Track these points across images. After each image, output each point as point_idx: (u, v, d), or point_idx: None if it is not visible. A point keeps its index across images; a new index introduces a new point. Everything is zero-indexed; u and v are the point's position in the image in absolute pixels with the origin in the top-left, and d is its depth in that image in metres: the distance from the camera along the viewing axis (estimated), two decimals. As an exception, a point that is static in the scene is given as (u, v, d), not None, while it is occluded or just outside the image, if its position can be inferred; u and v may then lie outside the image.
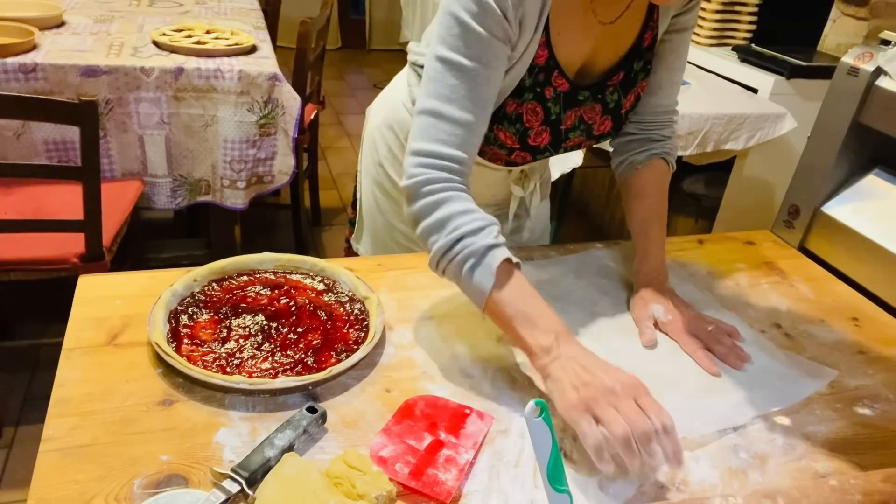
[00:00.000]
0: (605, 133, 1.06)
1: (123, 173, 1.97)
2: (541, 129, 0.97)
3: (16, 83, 1.76)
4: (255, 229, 2.84)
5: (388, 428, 0.75)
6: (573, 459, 0.74)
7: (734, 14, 2.61)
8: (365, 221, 1.24)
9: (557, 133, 1.00)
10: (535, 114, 0.95)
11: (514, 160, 1.03)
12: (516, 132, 0.95)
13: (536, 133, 0.97)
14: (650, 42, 1.00)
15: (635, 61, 1.00)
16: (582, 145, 1.08)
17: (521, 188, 1.15)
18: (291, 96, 2.00)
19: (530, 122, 0.95)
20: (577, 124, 1.01)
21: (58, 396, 0.75)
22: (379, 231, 1.22)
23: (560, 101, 0.96)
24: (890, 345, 1.01)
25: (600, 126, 1.04)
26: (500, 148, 0.99)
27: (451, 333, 0.93)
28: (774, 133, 2.12)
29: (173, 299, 0.89)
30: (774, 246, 1.26)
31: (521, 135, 0.96)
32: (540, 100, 0.94)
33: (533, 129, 0.96)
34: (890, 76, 1.19)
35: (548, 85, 0.93)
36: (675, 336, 0.96)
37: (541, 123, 0.96)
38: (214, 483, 0.66)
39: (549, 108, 0.96)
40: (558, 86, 0.95)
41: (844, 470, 0.77)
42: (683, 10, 1.00)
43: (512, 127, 0.95)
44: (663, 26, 1.00)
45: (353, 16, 5.61)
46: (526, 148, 0.98)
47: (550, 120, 0.97)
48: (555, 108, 0.96)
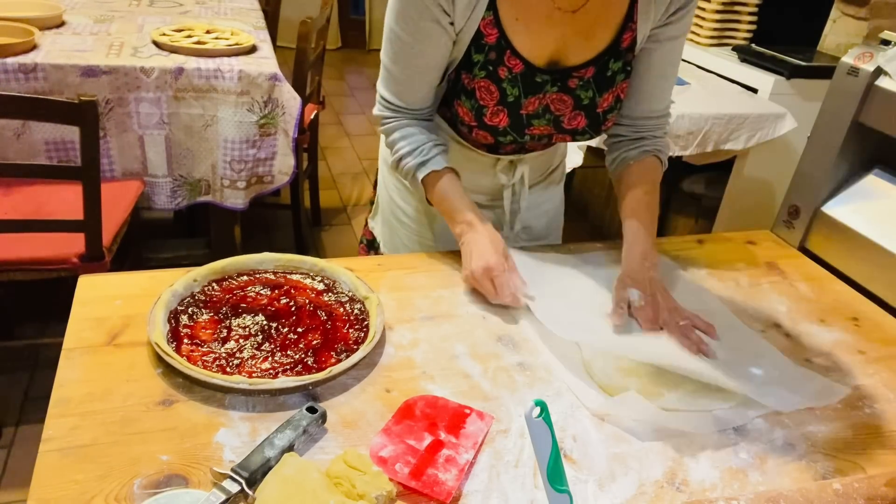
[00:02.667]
0: (578, 129, 1.07)
1: (123, 173, 1.97)
2: (497, 109, 1.02)
3: (16, 83, 1.76)
4: (255, 229, 2.84)
5: (388, 428, 0.75)
6: (573, 459, 0.74)
7: (734, 14, 2.61)
8: (379, 198, 1.31)
9: (517, 117, 1.03)
10: (489, 92, 1.01)
11: (479, 139, 1.09)
12: (472, 108, 1.02)
13: (492, 112, 1.02)
14: (629, 44, 1.01)
15: (611, 60, 1.01)
16: (553, 138, 1.10)
17: (507, 177, 1.17)
18: (291, 96, 2.00)
19: (484, 100, 1.01)
20: (541, 112, 1.04)
21: (58, 396, 0.75)
22: (385, 207, 1.28)
23: (518, 84, 1.00)
24: (890, 345, 1.01)
25: (571, 120, 1.05)
26: (462, 125, 1.07)
27: (451, 333, 0.93)
28: (774, 133, 2.12)
29: (173, 299, 0.89)
30: (774, 246, 1.26)
31: (477, 112, 1.03)
32: (493, 78, 1.00)
33: (488, 107, 1.02)
34: (890, 76, 1.19)
35: (500, 65, 0.98)
36: (643, 323, 0.95)
37: (496, 104, 1.02)
38: (214, 483, 0.66)
39: (504, 90, 1.00)
40: (512, 66, 0.99)
41: (844, 470, 0.77)
42: (669, 21, 1.00)
43: (468, 102, 1.02)
44: (644, 29, 1.00)
45: (353, 16, 5.61)
46: (483, 126, 1.05)
47: (508, 101, 1.01)
48: (512, 91, 1.01)
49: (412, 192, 1.18)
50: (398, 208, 1.23)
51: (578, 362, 0.90)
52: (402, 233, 1.25)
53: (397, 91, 1.04)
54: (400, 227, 1.25)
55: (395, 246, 1.28)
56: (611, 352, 0.90)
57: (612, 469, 0.74)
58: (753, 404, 0.84)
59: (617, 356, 0.89)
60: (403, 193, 1.22)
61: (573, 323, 0.94)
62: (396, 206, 1.24)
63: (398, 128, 1.06)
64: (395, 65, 1.01)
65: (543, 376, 0.87)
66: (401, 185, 1.21)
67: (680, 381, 0.87)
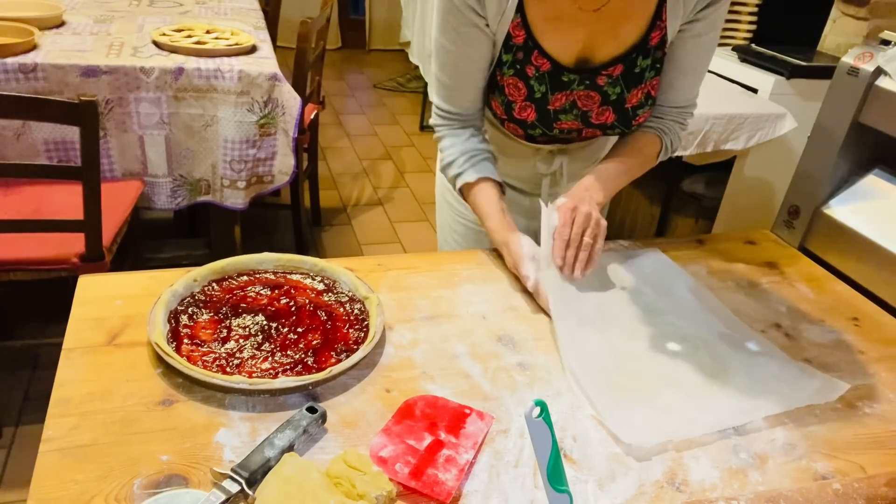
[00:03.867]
0: (607, 124, 1.09)
1: (123, 173, 1.97)
2: (525, 105, 1.07)
3: (16, 83, 1.76)
4: (255, 229, 2.84)
5: (388, 428, 0.75)
6: (573, 459, 0.74)
7: (734, 14, 2.61)
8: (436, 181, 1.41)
9: (545, 112, 1.08)
10: (517, 89, 1.06)
11: (511, 131, 1.15)
12: (502, 103, 1.08)
13: (521, 107, 1.08)
14: (658, 41, 1.02)
15: (640, 58, 1.02)
16: (583, 132, 1.13)
17: (546, 166, 1.21)
18: (291, 96, 2.00)
19: (513, 96, 1.07)
20: (569, 108, 1.07)
21: (58, 396, 0.75)
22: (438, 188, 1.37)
23: (546, 81, 1.05)
24: (890, 345, 1.01)
25: (599, 115, 1.08)
26: (495, 117, 1.14)
27: (451, 333, 0.93)
28: (774, 133, 2.12)
29: (173, 299, 0.89)
30: (774, 246, 1.26)
31: (507, 106, 1.08)
32: (521, 76, 1.05)
33: (516, 102, 1.07)
34: (890, 76, 1.19)
35: (528, 63, 1.03)
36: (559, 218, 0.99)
37: (524, 99, 1.07)
38: (214, 483, 0.66)
39: (532, 86, 1.05)
40: (540, 65, 1.03)
41: (844, 470, 0.77)
42: (697, 18, 1.01)
43: (499, 97, 1.08)
44: (673, 27, 1.01)
45: (353, 16, 5.61)
46: (512, 119, 1.10)
47: (535, 98, 1.06)
48: (539, 87, 1.05)
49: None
50: (446, 189, 1.30)
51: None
52: (448, 215, 1.34)
53: (448, 97, 1.10)
54: (447, 206, 1.33)
55: (441, 226, 1.38)
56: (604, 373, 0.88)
57: (612, 469, 0.74)
58: (755, 406, 0.84)
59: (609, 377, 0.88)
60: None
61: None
62: (445, 188, 1.31)
63: (444, 136, 1.13)
64: (444, 73, 1.08)
65: (543, 376, 0.87)
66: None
67: (680, 382, 0.87)
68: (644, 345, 0.94)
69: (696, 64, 1.08)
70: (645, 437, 0.77)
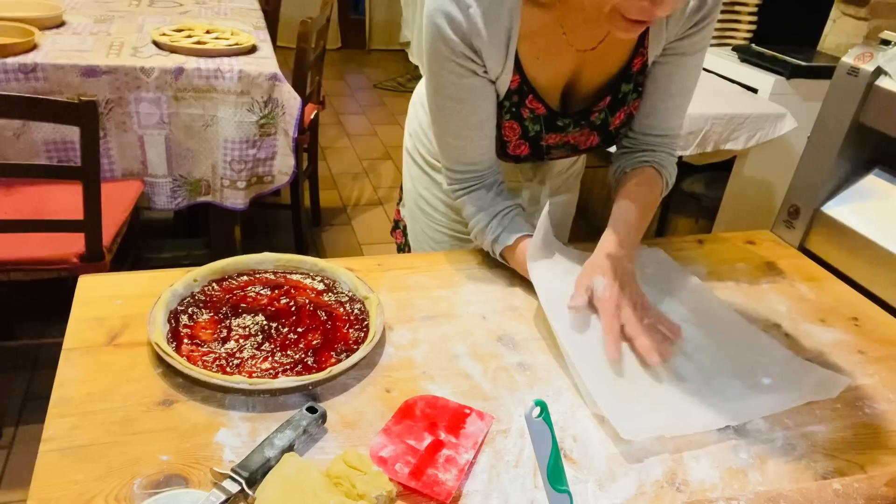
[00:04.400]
0: (593, 146, 1.09)
1: (123, 173, 1.97)
2: (519, 143, 1.04)
3: (16, 83, 1.76)
4: (255, 229, 2.84)
5: (388, 428, 0.75)
6: (573, 459, 0.74)
7: (734, 14, 2.61)
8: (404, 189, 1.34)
9: (538, 147, 1.06)
10: (513, 130, 1.03)
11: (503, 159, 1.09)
12: (497, 140, 1.03)
13: (515, 145, 1.05)
14: (640, 67, 1.00)
15: (623, 84, 1.01)
16: (570, 156, 1.13)
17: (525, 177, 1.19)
18: (291, 96, 2.00)
19: (508, 137, 1.03)
20: (561, 145, 1.07)
21: (58, 396, 0.75)
22: (409, 198, 1.30)
23: (540, 122, 1.02)
24: (890, 345, 1.01)
25: (586, 142, 1.07)
26: None
27: (451, 333, 0.93)
28: (774, 133, 2.12)
29: (173, 299, 0.89)
30: (774, 246, 1.26)
31: (501, 145, 1.04)
32: (517, 118, 1.01)
33: (511, 142, 1.04)
34: (890, 76, 1.19)
35: (523, 106, 1.00)
36: (602, 315, 0.89)
37: (518, 137, 1.04)
38: (214, 483, 0.66)
39: (526, 127, 1.02)
40: (535, 108, 1.00)
41: (844, 470, 0.77)
42: (682, 36, 0.98)
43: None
44: (654, 51, 0.99)
45: (353, 16, 5.61)
46: (506, 157, 1.07)
47: (529, 136, 1.03)
48: (533, 127, 1.02)
49: (436, 182, 1.21)
50: (421, 198, 1.26)
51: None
52: (424, 223, 1.27)
53: (460, 156, 1.03)
54: (422, 215, 1.27)
55: (416, 234, 1.30)
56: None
57: (612, 469, 0.74)
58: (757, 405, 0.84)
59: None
60: (427, 184, 1.24)
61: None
62: (420, 197, 1.26)
63: (467, 201, 1.05)
64: (450, 133, 1.01)
65: (543, 376, 0.87)
66: (426, 177, 1.24)
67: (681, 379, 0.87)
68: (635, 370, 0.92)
69: (680, 87, 1.04)
70: (640, 431, 0.77)
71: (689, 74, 1.04)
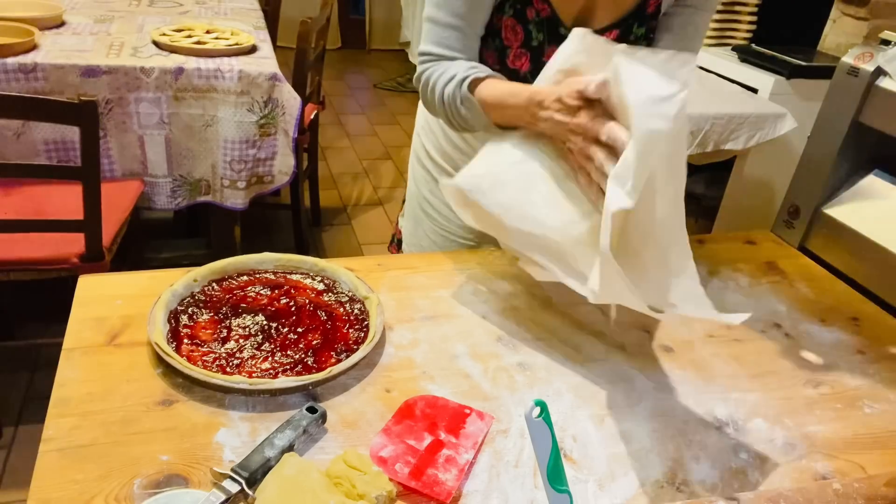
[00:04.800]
0: None
1: (123, 173, 1.97)
2: (520, 52, 1.02)
3: (16, 83, 1.76)
4: (255, 229, 2.84)
5: (388, 428, 0.75)
6: (573, 459, 0.74)
7: (734, 14, 2.61)
8: (408, 192, 1.33)
9: (538, 64, 1.00)
10: (515, 33, 1.00)
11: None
12: (496, 49, 1.02)
13: (515, 55, 1.02)
14: (654, 9, 1.00)
15: (635, 25, 1.01)
16: None
17: None
18: (291, 96, 2.00)
19: (509, 41, 1.01)
20: None
21: (58, 396, 0.75)
22: (412, 201, 1.30)
23: (543, 29, 0.99)
24: (890, 345, 1.01)
25: None
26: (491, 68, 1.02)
27: (451, 333, 0.93)
28: (774, 133, 2.12)
29: (173, 299, 0.89)
30: (774, 246, 1.26)
31: (500, 53, 1.02)
32: (520, 19, 0.99)
33: (511, 48, 1.01)
34: (890, 76, 1.19)
35: (528, 5, 0.98)
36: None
37: (520, 45, 1.01)
38: (214, 483, 0.66)
39: (529, 31, 1.00)
40: (540, 10, 0.98)
41: (844, 470, 0.77)
42: None
43: (494, 42, 1.02)
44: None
45: (353, 16, 5.60)
46: (505, 69, 1.03)
47: (531, 45, 1.01)
48: (537, 35, 1.00)
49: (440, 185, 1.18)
50: (425, 200, 1.26)
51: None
52: (426, 225, 1.27)
53: (442, 39, 0.99)
54: (426, 218, 1.27)
55: (417, 238, 1.30)
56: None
57: (612, 469, 0.74)
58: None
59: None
60: (431, 186, 1.24)
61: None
62: (423, 199, 1.26)
63: (434, 69, 1.00)
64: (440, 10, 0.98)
65: (543, 376, 0.87)
66: (430, 178, 1.23)
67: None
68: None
69: (691, 39, 1.04)
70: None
71: (698, 30, 1.04)
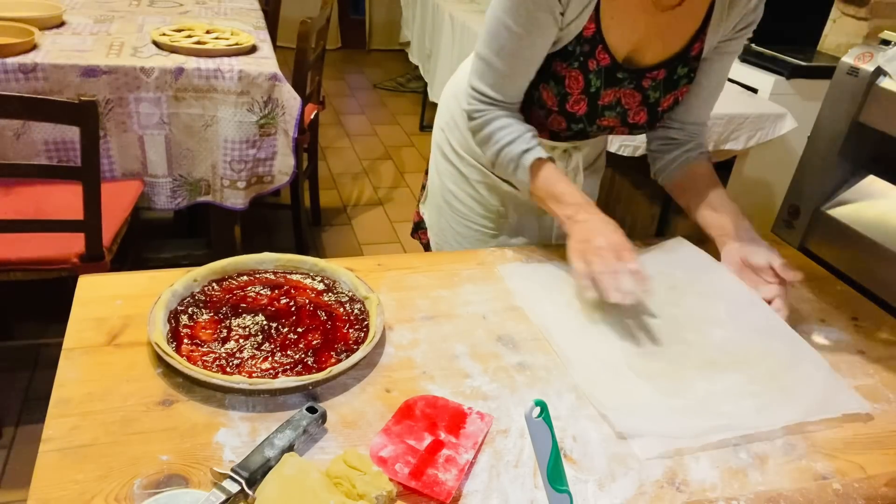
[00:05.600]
0: (638, 124, 1.12)
1: (123, 173, 1.97)
2: (579, 98, 1.06)
3: (16, 83, 1.76)
4: (255, 229, 2.84)
5: (388, 428, 0.75)
6: (573, 459, 0.74)
7: (734, 14, 2.60)
8: (430, 184, 1.37)
9: (594, 107, 1.08)
10: (577, 81, 1.05)
11: (551, 125, 1.12)
12: (557, 94, 1.06)
13: (575, 101, 1.07)
14: (698, 52, 1.06)
15: (679, 66, 1.07)
16: (615, 130, 1.15)
17: (563, 164, 1.20)
18: (291, 96, 2.00)
19: (570, 88, 1.05)
20: (614, 105, 1.09)
21: (58, 396, 0.75)
22: (436, 192, 1.33)
23: (601, 76, 1.05)
24: (890, 345, 1.01)
25: (635, 115, 1.10)
26: (541, 108, 1.09)
27: (451, 333, 0.93)
28: (774, 133, 2.12)
29: (173, 299, 0.89)
30: (774, 246, 1.26)
31: (562, 98, 1.06)
32: (583, 69, 1.04)
33: (572, 95, 1.06)
34: (890, 76, 1.19)
35: (591, 57, 1.03)
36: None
37: (580, 92, 1.06)
38: (214, 483, 0.66)
39: (589, 80, 1.05)
40: (601, 60, 1.03)
41: (844, 470, 0.77)
42: (734, 37, 1.07)
43: (555, 88, 1.06)
44: (712, 40, 1.06)
45: (353, 16, 5.60)
46: (563, 112, 1.08)
47: (590, 92, 1.06)
48: (595, 82, 1.05)
49: (465, 177, 1.24)
50: (449, 192, 1.29)
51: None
52: (450, 217, 1.30)
53: (497, 84, 1.05)
54: (448, 209, 1.30)
55: (441, 228, 1.33)
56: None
57: (612, 469, 0.74)
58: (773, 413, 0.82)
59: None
60: (456, 178, 1.27)
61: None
62: (448, 191, 1.29)
63: (494, 118, 1.07)
64: (499, 58, 1.02)
65: (543, 376, 0.87)
66: (455, 171, 1.26)
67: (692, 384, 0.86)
68: (663, 329, 0.93)
69: (721, 81, 1.14)
70: (652, 447, 0.76)
71: (724, 74, 1.14)
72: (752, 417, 0.81)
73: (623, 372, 0.87)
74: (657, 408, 0.82)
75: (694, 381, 0.86)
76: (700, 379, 0.86)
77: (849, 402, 0.85)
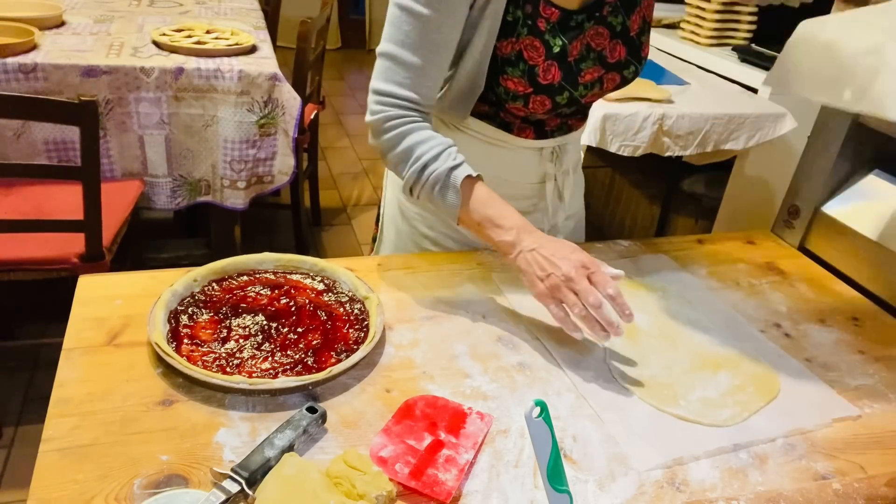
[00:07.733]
0: (622, 61, 1.03)
1: (123, 173, 1.97)
2: (547, 65, 0.96)
3: (16, 83, 1.76)
4: (255, 229, 2.84)
5: (388, 428, 0.75)
6: (573, 459, 0.74)
7: (734, 14, 2.60)
8: (385, 232, 1.22)
9: (567, 66, 0.97)
10: (535, 49, 0.95)
11: (535, 111, 1.00)
12: (522, 73, 0.95)
13: (544, 70, 0.96)
14: None
15: None
16: (604, 82, 1.04)
17: (554, 165, 1.12)
18: (291, 96, 2.00)
19: (533, 59, 0.95)
20: (587, 53, 0.99)
21: (58, 396, 0.75)
22: (403, 237, 1.19)
23: (558, 33, 0.95)
24: (890, 345, 1.01)
25: (613, 53, 1.02)
26: (514, 100, 0.98)
27: (451, 333, 0.93)
28: (774, 133, 2.12)
29: (173, 299, 0.89)
30: (774, 246, 1.26)
31: (529, 74, 0.96)
32: (535, 33, 0.94)
33: (539, 65, 0.95)
34: (890, 76, 1.19)
35: (538, 17, 0.94)
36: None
37: (545, 58, 0.96)
38: (214, 483, 0.66)
39: (547, 42, 0.95)
40: (549, 15, 0.94)
41: (844, 470, 0.77)
42: None
43: (516, 70, 0.95)
44: None
45: (353, 16, 5.61)
46: (540, 89, 0.97)
47: (554, 53, 0.96)
48: (555, 41, 0.96)
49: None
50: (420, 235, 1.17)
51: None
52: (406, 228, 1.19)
53: (407, 81, 0.91)
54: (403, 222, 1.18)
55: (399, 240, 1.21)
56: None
57: (612, 469, 0.74)
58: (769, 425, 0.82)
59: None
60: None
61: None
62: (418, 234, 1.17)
63: (410, 131, 0.92)
64: (405, 48, 0.90)
65: (543, 376, 0.87)
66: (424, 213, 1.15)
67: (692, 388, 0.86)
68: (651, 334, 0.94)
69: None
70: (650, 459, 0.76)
71: None
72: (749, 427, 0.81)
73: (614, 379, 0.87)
74: (652, 419, 0.81)
75: (687, 388, 0.86)
76: (693, 385, 0.87)
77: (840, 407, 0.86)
